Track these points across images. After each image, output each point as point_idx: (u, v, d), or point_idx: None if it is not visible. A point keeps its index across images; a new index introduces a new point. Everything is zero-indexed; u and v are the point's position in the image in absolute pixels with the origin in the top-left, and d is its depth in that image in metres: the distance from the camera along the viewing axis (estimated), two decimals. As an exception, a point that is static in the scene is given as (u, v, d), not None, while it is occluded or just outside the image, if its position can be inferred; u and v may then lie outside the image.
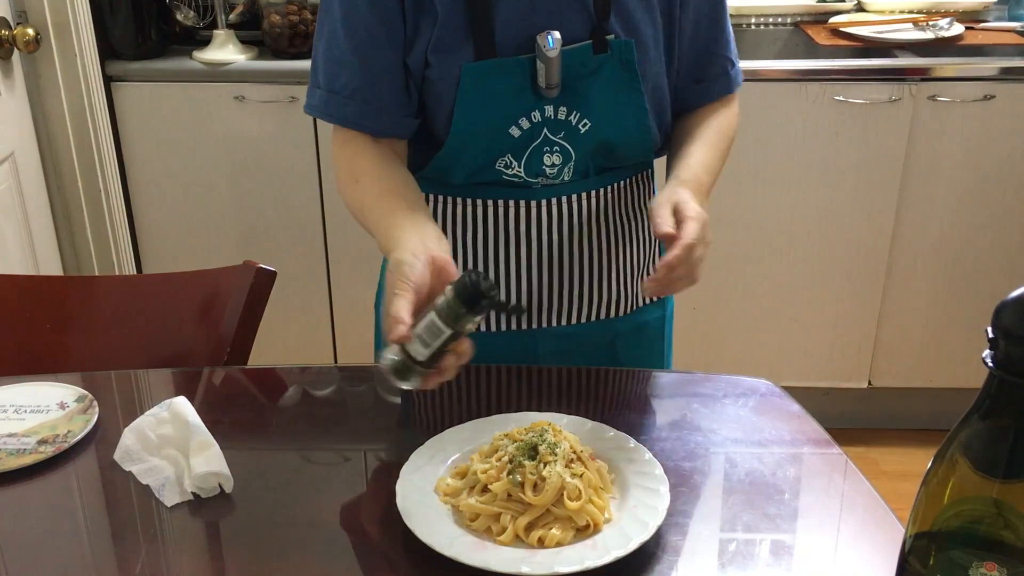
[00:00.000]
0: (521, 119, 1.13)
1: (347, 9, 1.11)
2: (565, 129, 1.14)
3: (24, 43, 2.13)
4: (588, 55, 1.11)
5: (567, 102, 1.12)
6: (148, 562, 0.89)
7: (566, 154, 1.15)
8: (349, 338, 2.61)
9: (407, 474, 0.95)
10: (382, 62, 1.12)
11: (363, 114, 1.13)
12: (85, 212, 2.36)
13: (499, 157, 1.15)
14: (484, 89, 1.11)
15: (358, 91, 1.13)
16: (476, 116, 1.12)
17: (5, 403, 1.12)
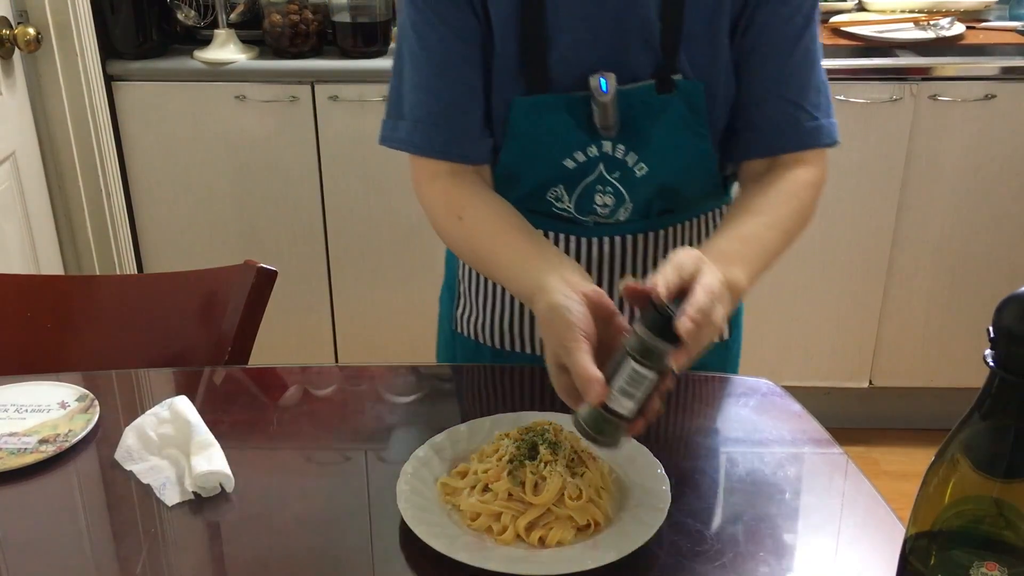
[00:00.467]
0: (576, 152, 1.07)
1: (423, 31, 1.05)
2: (621, 170, 1.08)
3: (25, 42, 2.13)
4: (651, 94, 1.04)
5: (625, 141, 1.06)
6: (149, 561, 0.89)
7: (619, 196, 1.10)
8: (350, 337, 2.61)
9: (408, 474, 0.95)
10: (465, 84, 1.06)
11: (452, 141, 1.06)
12: (86, 211, 2.36)
13: (551, 187, 1.10)
14: (536, 123, 1.06)
15: (443, 116, 1.06)
16: (526, 148, 1.08)
17: (6, 402, 1.12)
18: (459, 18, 1.04)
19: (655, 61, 1.03)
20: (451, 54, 1.04)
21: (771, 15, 1.04)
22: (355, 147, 2.39)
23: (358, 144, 2.38)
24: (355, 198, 2.44)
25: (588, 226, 1.13)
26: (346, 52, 2.39)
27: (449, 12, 1.04)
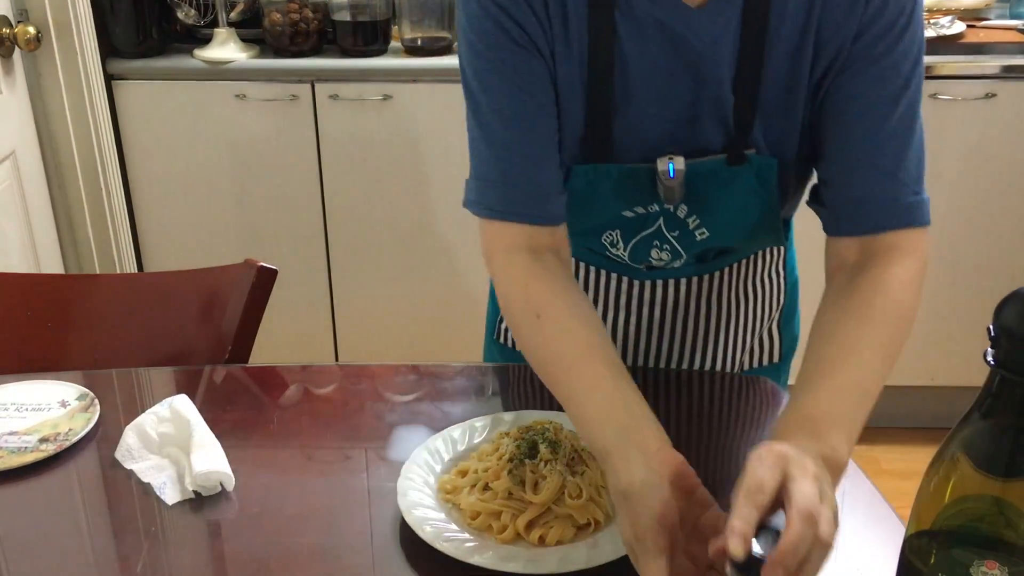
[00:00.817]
0: (636, 207, 1.02)
1: (487, 79, 0.96)
2: (681, 229, 1.04)
3: (25, 41, 2.13)
4: (721, 166, 0.98)
5: (690, 204, 1.01)
6: (149, 560, 0.89)
7: (676, 253, 1.07)
8: (350, 336, 2.61)
9: (408, 472, 0.95)
10: (538, 136, 0.97)
11: (528, 202, 0.96)
12: (86, 210, 2.36)
13: (607, 230, 1.06)
14: (595, 188, 1.00)
15: (517, 174, 0.96)
16: (583, 205, 1.02)
17: (6, 401, 1.12)
18: (526, 62, 0.94)
19: (726, 135, 0.97)
20: (520, 103, 0.95)
21: (862, 78, 0.93)
22: (355, 146, 2.39)
23: (358, 143, 2.38)
24: (355, 197, 2.44)
25: (641, 270, 1.12)
26: (346, 51, 2.39)
27: (515, 56, 0.94)
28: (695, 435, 1.07)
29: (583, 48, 0.94)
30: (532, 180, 0.97)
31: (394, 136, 2.37)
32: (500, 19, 0.93)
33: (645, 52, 0.94)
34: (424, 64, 2.33)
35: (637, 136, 0.97)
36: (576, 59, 0.95)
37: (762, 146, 0.98)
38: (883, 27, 0.91)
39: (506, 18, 0.93)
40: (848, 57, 0.93)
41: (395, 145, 2.38)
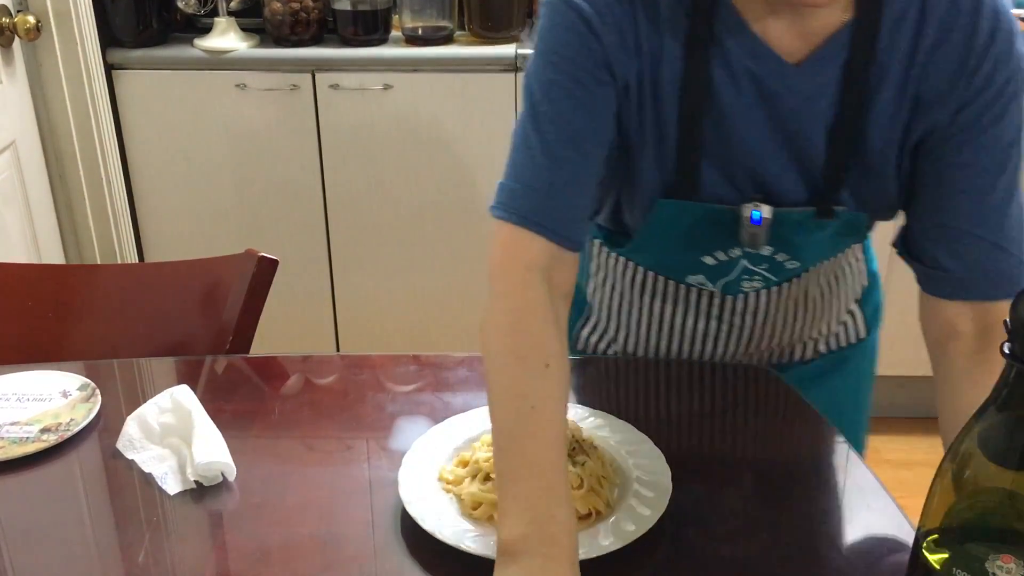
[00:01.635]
0: (717, 252, 1.03)
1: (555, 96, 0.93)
2: (769, 263, 1.04)
3: (25, 31, 2.12)
4: (807, 218, 0.98)
5: (774, 246, 1.01)
6: (151, 550, 0.89)
7: (767, 281, 1.07)
8: (351, 326, 2.61)
9: (409, 462, 0.95)
10: (588, 162, 0.95)
11: (562, 220, 0.93)
12: (87, 200, 2.36)
13: (689, 274, 1.08)
14: (676, 224, 1.01)
15: (560, 190, 0.93)
16: (663, 244, 1.04)
17: (8, 391, 1.12)
18: (599, 87, 0.93)
19: (813, 189, 0.97)
20: (582, 124, 0.93)
21: (968, 148, 0.91)
22: (356, 135, 2.38)
23: (359, 132, 2.38)
24: (356, 187, 2.44)
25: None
26: (347, 40, 2.38)
27: (589, 77, 0.92)
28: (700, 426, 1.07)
29: (675, 88, 0.93)
30: (573, 202, 0.94)
31: (395, 126, 2.37)
32: (586, 38, 0.91)
33: (738, 101, 0.93)
34: (425, 53, 2.32)
35: (724, 180, 0.97)
36: (667, 97, 0.94)
37: (851, 204, 0.97)
38: (990, 97, 0.89)
39: (592, 39, 0.91)
40: (952, 126, 0.91)
41: (396, 135, 2.38)
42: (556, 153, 0.93)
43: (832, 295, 1.17)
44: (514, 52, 2.29)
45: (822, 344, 1.20)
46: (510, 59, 2.29)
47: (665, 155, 0.96)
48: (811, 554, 0.88)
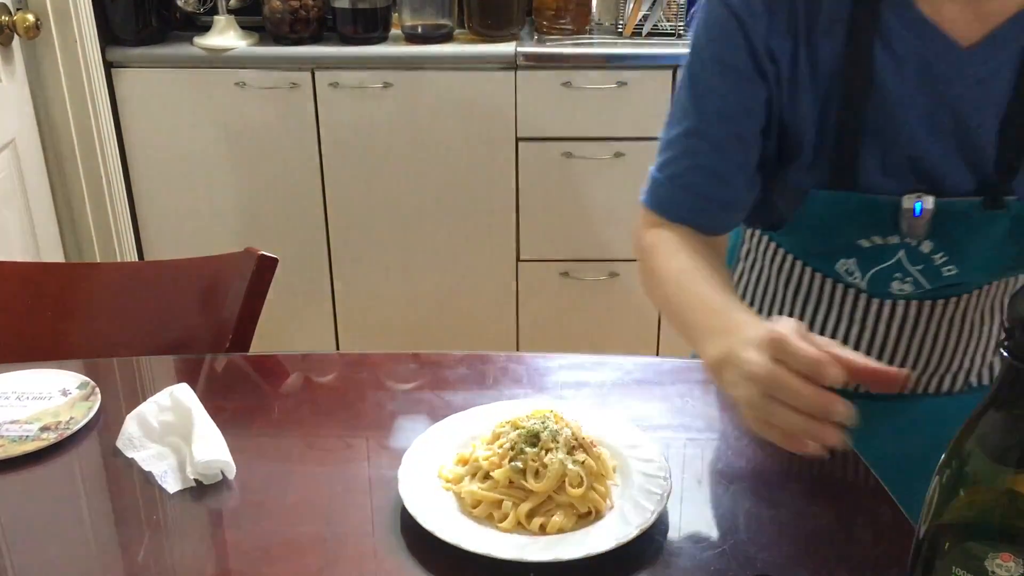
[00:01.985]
0: (874, 236, 0.98)
1: (702, 85, 0.96)
2: (925, 264, 0.98)
3: (24, 29, 2.12)
4: (975, 209, 0.94)
5: (936, 241, 0.96)
6: (150, 548, 0.89)
7: (918, 286, 1.01)
8: (351, 325, 2.61)
9: (409, 461, 0.95)
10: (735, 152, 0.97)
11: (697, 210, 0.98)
12: (86, 198, 2.36)
13: (842, 258, 1.02)
14: (832, 214, 0.98)
15: (700, 182, 0.97)
16: (816, 230, 1.00)
17: (7, 390, 1.12)
18: (745, 85, 0.94)
19: (981, 178, 0.93)
20: (730, 121, 0.95)
21: None
22: (355, 134, 2.38)
23: (358, 131, 2.38)
24: (356, 185, 2.44)
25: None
26: (346, 38, 2.38)
27: (739, 77, 0.94)
28: (700, 425, 1.07)
29: (835, 72, 0.92)
30: (717, 193, 0.98)
31: (394, 124, 2.37)
32: (734, 32, 0.93)
33: (902, 88, 0.91)
34: (425, 52, 2.32)
35: (883, 169, 0.94)
36: (822, 89, 0.93)
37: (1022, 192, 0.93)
38: None
39: (740, 33, 0.92)
40: None
41: (395, 133, 2.37)
42: (701, 147, 0.97)
43: (987, 327, 1.08)
44: (514, 50, 2.29)
45: (973, 376, 1.11)
46: (510, 57, 2.29)
47: (822, 143, 0.94)
48: (811, 553, 0.87)
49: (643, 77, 2.29)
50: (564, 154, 2.38)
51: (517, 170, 2.40)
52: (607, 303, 2.54)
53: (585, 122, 2.34)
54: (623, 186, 2.39)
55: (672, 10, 2.40)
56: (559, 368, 1.18)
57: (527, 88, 2.31)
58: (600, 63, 2.30)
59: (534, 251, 2.49)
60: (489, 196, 2.43)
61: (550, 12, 2.43)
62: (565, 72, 2.30)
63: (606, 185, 2.41)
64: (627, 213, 2.43)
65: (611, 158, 2.37)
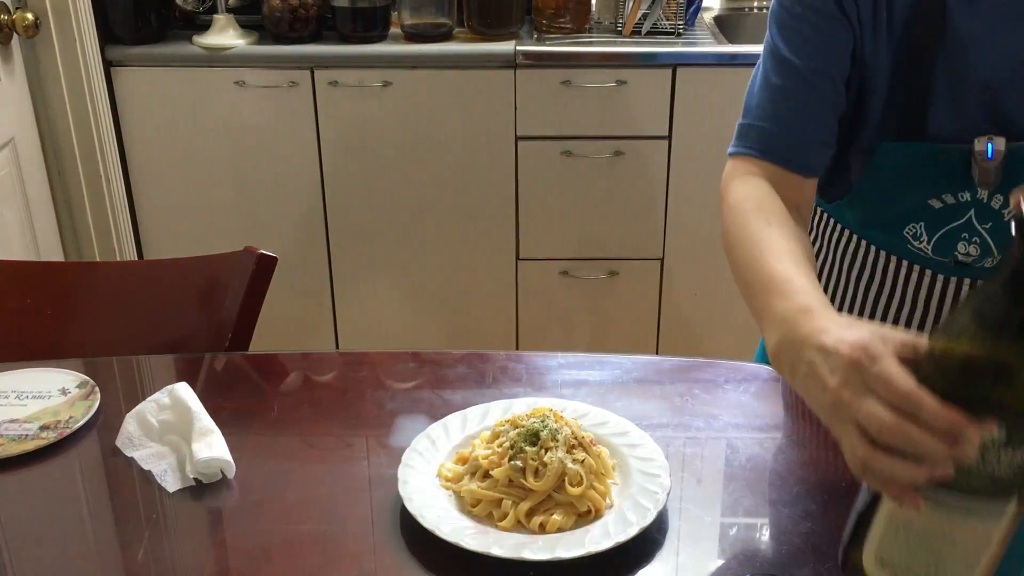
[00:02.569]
0: (945, 195, 0.97)
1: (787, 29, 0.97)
2: (994, 221, 0.96)
3: (23, 28, 2.12)
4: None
5: (1007, 194, 0.94)
6: (150, 547, 0.89)
7: (986, 248, 0.98)
8: (350, 323, 2.61)
9: (409, 460, 0.95)
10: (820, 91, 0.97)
11: (786, 147, 0.97)
12: (86, 197, 2.36)
13: (910, 222, 1.01)
14: (903, 167, 0.97)
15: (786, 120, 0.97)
16: (887, 188, 0.99)
17: (7, 389, 1.12)
18: (829, 25, 0.95)
19: None
20: (810, 59, 0.96)
21: None
22: (355, 133, 2.38)
23: (358, 130, 2.38)
24: (355, 184, 2.44)
25: (947, 265, 1.02)
26: (345, 37, 2.38)
27: (819, 16, 0.95)
28: (700, 424, 1.07)
29: (903, 21, 0.92)
30: (798, 128, 0.97)
31: (394, 123, 2.37)
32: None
33: (975, 28, 0.90)
34: (424, 50, 2.32)
35: (955, 115, 0.93)
36: (896, 32, 0.93)
37: None
38: None
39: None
40: None
41: (395, 132, 2.37)
42: (780, 87, 0.97)
43: None
44: (513, 49, 2.29)
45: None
46: (509, 56, 2.29)
47: (896, 89, 0.94)
48: (810, 550, 0.88)
49: (643, 76, 2.29)
50: (563, 153, 2.37)
51: (516, 169, 2.40)
52: (607, 302, 2.54)
53: (584, 121, 2.34)
54: (623, 185, 2.39)
55: (671, 9, 2.40)
56: (559, 367, 1.18)
57: (526, 87, 2.31)
58: (599, 62, 2.30)
59: (534, 250, 2.49)
60: (488, 195, 2.43)
61: (549, 11, 2.43)
62: (564, 71, 2.29)
63: (606, 184, 2.41)
64: (627, 212, 2.43)
65: (611, 157, 2.37)
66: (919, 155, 0.95)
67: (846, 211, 1.08)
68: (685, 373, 1.17)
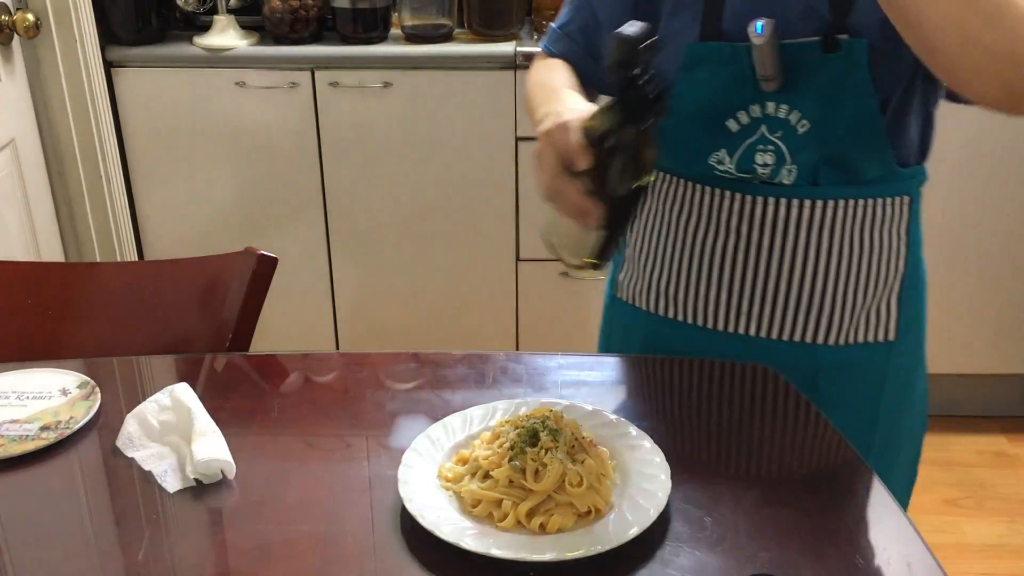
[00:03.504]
0: (739, 112, 1.09)
1: None
2: (783, 128, 1.09)
3: (24, 28, 2.12)
4: (815, 52, 1.04)
5: (788, 100, 1.07)
6: (150, 548, 0.89)
7: (779, 154, 1.09)
8: (350, 324, 2.61)
9: (409, 460, 0.95)
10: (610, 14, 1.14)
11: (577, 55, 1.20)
12: (86, 198, 2.36)
13: (713, 151, 1.12)
14: (704, 72, 1.09)
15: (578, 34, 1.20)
16: (695, 99, 1.10)
17: (7, 389, 1.12)
18: None
19: (824, 20, 1.04)
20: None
21: None
22: (355, 133, 2.38)
23: (358, 130, 2.38)
24: (355, 184, 2.44)
25: (753, 184, 1.12)
26: (346, 38, 2.38)
27: None
28: (700, 424, 1.07)
29: None
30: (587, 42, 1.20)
31: (394, 123, 2.37)
32: None
33: None
34: (424, 51, 2.32)
35: (743, 17, 1.05)
36: None
37: (862, 32, 1.03)
38: None
39: None
40: None
41: (395, 132, 2.38)
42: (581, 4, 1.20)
43: (865, 259, 1.14)
44: (513, 50, 2.29)
45: (850, 330, 1.16)
46: (509, 57, 2.29)
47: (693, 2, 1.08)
48: (812, 553, 0.88)
49: (643, 77, 2.28)
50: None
51: (517, 170, 2.40)
52: (607, 303, 2.54)
53: (585, 122, 2.34)
54: (623, 186, 2.39)
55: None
56: (559, 367, 1.18)
57: (527, 88, 2.31)
58: (600, 63, 2.30)
59: (534, 251, 2.49)
60: (489, 195, 2.43)
61: (550, 12, 2.43)
62: (565, 72, 2.29)
63: (606, 185, 2.40)
64: (627, 213, 2.43)
65: (611, 158, 2.37)
66: (717, 54, 1.08)
67: (663, 158, 1.17)
68: (685, 373, 1.17)
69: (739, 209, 1.13)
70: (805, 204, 1.11)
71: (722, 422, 1.06)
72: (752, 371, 1.15)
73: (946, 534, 2.24)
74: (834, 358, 1.16)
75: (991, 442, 2.57)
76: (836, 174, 1.10)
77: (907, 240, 1.16)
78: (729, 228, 1.14)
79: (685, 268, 1.19)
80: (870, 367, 1.18)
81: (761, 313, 1.16)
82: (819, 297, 1.14)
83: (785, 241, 1.13)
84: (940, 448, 2.51)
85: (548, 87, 1.12)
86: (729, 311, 1.17)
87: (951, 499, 2.35)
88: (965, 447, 2.54)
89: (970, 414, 2.64)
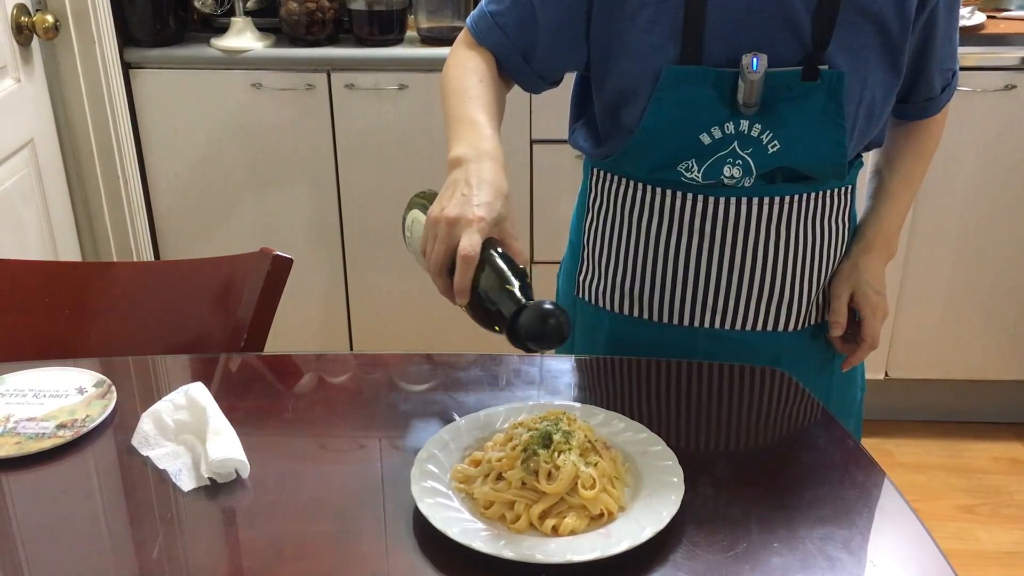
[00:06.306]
0: (713, 128, 1.11)
1: None
2: (754, 146, 1.12)
3: (43, 30, 2.14)
4: (795, 81, 1.08)
5: (763, 120, 1.10)
6: (165, 546, 0.89)
7: (747, 168, 1.13)
8: (364, 325, 2.62)
9: (422, 461, 0.95)
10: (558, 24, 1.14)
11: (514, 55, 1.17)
12: (103, 198, 2.38)
13: (683, 160, 1.14)
14: (682, 93, 1.10)
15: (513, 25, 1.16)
16: (669, 117, 1.11)
17: (24, 387, 1.13)
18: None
19: (803, 50, 1.08)
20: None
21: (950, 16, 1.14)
22: (371, 135, 2.39)
23: (374, 132, 2.38)
24: (370, 186, 2.44)
25: (718, 187, 1.15)
26: (362, 40, 2.39)
27: None
28: (713, 427, 1.07)
29: None
30: (516, 37, 1.16)
31: (410, 126, 2.37)
32: None
33: None
34: (440, 54, 2.33)
35: (725, 43, 1.07)
36: None
37: (837, 63, 1.08)
38: None
39: None
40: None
41: (411, 135, 2.38)
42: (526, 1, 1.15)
43: (811, 248, 1.20)
44: (529, 52, 2.29)
45: (808, 313, 1.23)
46: (525, 59, 2.29)
47: (674, 20, 1.07)
48: (823, 554, 0.87)
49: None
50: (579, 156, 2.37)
51: (531, 172, 2.40)
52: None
53: (600, 125, 2.34)
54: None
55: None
56: (572, 370, 1.18)
57: (542, 90, 2.31)
58: (615, 66, 2.30)
59: (548, 253, 2.49)
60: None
61: (565, 14, 2.43)
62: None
63: (620, 188, 2.40)
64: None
65: (626, 161, 2.37)
66: (696, 77, 1.08)
67: (625, 165, 1.20)
68: (697, 376, 1.17)
69: (701, 210, 1.17)
70: (764, 201, 1.16)
71: (735, 425, 1.06)
72: (765, 374, 1.15)
73: (961, 541, 2.22)
74: (795, 342, 1.23)
75: (1007, 448, 2.55)
76: (791, 175, 1.16)
77: (849, 224, 1.25)
78: (692, 228, 1.18)
79: (650, 269, 1.22)
80: (824, 343, 1.26)
81: (726, 307, 1.20)
82: (779, 286, 1.20)
83: (747, 237, 1.17)
84: (955, 455, 2.50)
85: (465, 103, 1.11)
86: (695, 307, 1.21)
87: (966, 506, 2.34)
88: (980, 453, 2.52)
89: (986, 420, 2.63)
